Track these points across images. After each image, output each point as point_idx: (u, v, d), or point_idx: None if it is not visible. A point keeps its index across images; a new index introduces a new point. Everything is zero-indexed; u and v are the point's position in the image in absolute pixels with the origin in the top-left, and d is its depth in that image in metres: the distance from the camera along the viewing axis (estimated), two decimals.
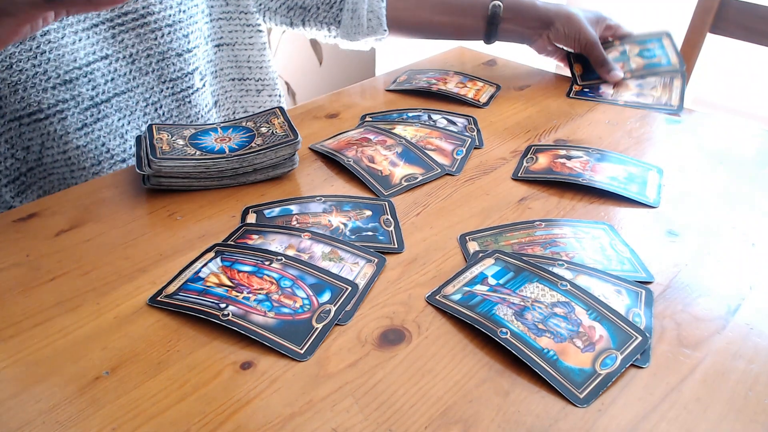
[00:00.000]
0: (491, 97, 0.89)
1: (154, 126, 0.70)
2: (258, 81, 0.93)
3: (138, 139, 0.68)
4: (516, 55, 1.04)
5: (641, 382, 0.45)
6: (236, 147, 0.67)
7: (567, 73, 0.96)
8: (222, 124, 0.72)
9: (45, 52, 0.67)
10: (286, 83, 1.99)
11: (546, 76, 0.97)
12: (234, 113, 0.94)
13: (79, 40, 0.70)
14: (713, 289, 0.54)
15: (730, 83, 2.42)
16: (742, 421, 0.42)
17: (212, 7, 0.86)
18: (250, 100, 0.94)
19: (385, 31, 0.87)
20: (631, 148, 0.76)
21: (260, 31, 0.90)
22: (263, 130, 0.70)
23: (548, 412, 0.42)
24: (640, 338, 0.47)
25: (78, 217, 0.61)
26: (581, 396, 0.43)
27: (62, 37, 0.68)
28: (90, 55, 0.71)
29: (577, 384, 0.44)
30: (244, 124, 0.72)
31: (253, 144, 0.67)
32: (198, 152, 0.66)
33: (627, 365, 0.45)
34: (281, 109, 0.75)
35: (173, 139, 0.68)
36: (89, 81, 0.72)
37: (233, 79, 0.91)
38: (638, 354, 0.46)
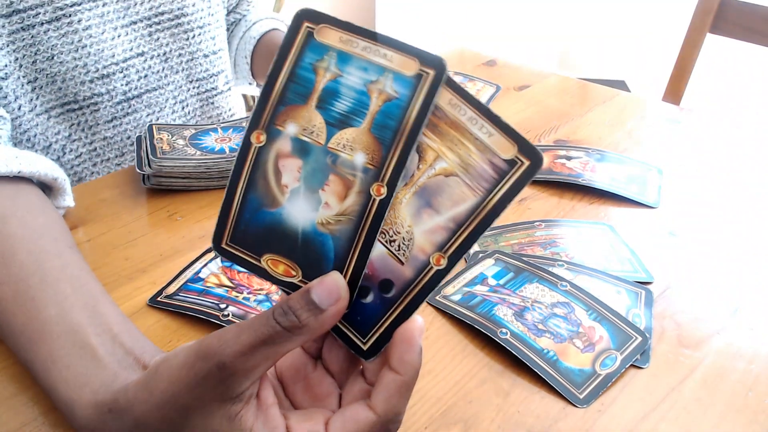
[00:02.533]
0: (491, 97, 0.89)
1: (154, 126, 0.70)
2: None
3: (138, 138, 0.68)
4: (516, 55, 1.04)
5: (641, 382, 0.45)
6: (236, 147, 0.67)
7: (567, 73, 0.96)
8: (222, 124, 0.72)
9: (86, 46, 0.69)
10: None
11: (546, 76, 0.97)
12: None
13: (118, 36, 0.72)
14: (713, 289, 0.54)
15: (730, 83, 2.42)
16: (742, 421, 0.42)
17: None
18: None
19: (251, 83, 0.96)
20: (631, 148, 0.76)
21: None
22: None
23: (548, 413, 0.42)
24: (640, 338, 0.47)
25: (78, 217, 0.61)
26: (581, 396, 0.43)
27: (102, 33, 0.70)
28: (127, 51, 0.73)
29: (577, 384, 0.44)
30: (244, 124, 0.72)
31: None
32: (198, 152, 0.66)
33: (627, 366, 0.45)
34: None
35: (173, 139, 0.68)
36: (124, 76, 0.74)
37: None
38: (638, 354, 0.46)
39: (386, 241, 0.32)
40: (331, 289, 0.31)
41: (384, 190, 0.31)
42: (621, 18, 2.50)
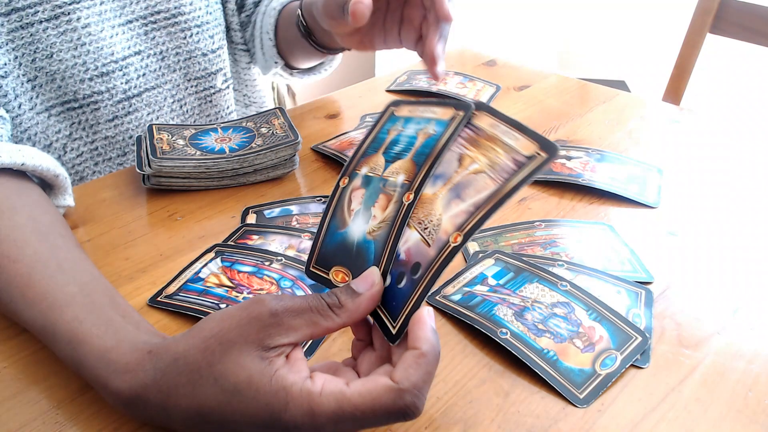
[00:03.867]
0: (491, 97, 0.89)
1: (154, 126, 0.70)
2: (245, 96, 0.94)
3: (138, 138, 0.68)
4: (516, 55, 1.04)
5: (641, 382, 0.45)
6: (236, 147, 0.67)
7: (567, 73, 0.96)
8: (222, 124, 0.72)
9: (85, 44, 0.69)
10: (286, 83, 1.99)
11: (546, 76, 0.97)
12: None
13: (116, 34, 0.72)
14: (713, 288, 0.54)
15: (730, 83, 2.42)
16: (742, 421, 0.42)
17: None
18: (240, 111, 0.96)
19: (276, 63, 0.86)
20: (631, 148, 0.76)
21: (244, 50, 0.90)
22: (263, 130, 0.70)
23: (548, 413, 0.42)
24: (640, 338, 0.47)
25: (78, 217, 0.61)
26: (581, 396, 0.43)
27: (101, 31, 0.70)
28: (125, 49, 0.73)
29: (577, 384, 0.44)
30: (244, 124, 0.72)
31: (253, 144, 0.67)
32: (198, 152, 0.66)
33: (627, 365, 0.45)
34: (281, 109, 0.75)
35: (173, 139, 0.68)
36: (124, 75, 0.74)
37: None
38: (638, 354, 0.46)
39: (421, 229, 0.37)
40: (367, 277, 0.37)
41: (412, 196, 0.38)
42: (621, 18, 2.50)
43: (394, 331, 0.37)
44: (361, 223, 0.40)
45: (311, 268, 0.42)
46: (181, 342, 0.36)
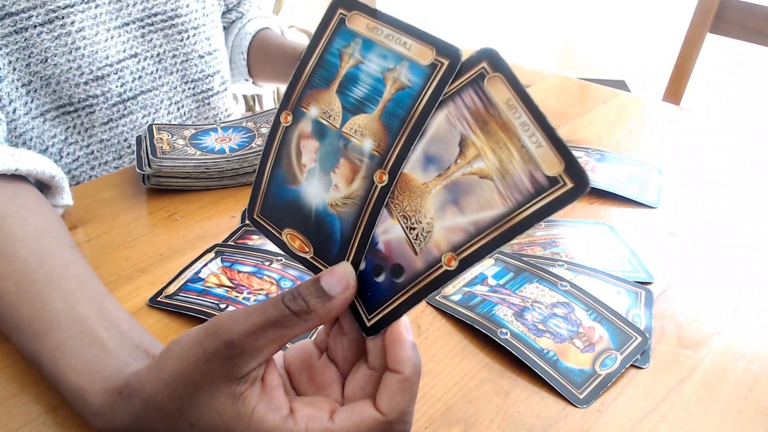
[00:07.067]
0: None
1: (154, 126, 0.70)
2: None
3: (138, 139, 0.68)
4: (516, 55, 1.04)
5: (641, 382, 0.45)
6: (236, 147, 0.67)
7: (567, 73, 0.96)
8: (222, 124, 0.72)
9: (80, 48, 0.69)
10: None
11: (546, 76, 0.97)
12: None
13: (111, 38, 0.72)
14: (713, 289, 0.54)
15: (730, 83, 2.42)
16: (742, 421, 0.42)
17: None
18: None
19: (247, 80, 0.95)
20: (631, 148, 0.77)
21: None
22: (263, 130, 0.70)
23: (548, 413, 0.42)
24: (639, 339, 0.47)
25: (78, 217, 0.61)
26: (581, 396, 0.43)
27: (96, 34, 0.70)
28: (121, 52, 0.73)
29: (577, 384, 0.44)
30: (244, 124, 0.72)
31: (253, 144, 0.67)
32: (198, 152, 0.66)
33: (627, 366, 0.45)
34: None
35: (173, 139, 0.68)
36: (119, 78, 0.74)
37: None
38: (638, 354, 0.46)
39: (407, 227, 0.32)
40: (341, 278, 0.32)
41: (386, 178, 0.32)
42: (621, 18, 2.50)
43: (368, 324, 0.34)
44: (319, 189, 0.34)
45: (256, 217, 0.36)
46: (146, 384, 0.34)
